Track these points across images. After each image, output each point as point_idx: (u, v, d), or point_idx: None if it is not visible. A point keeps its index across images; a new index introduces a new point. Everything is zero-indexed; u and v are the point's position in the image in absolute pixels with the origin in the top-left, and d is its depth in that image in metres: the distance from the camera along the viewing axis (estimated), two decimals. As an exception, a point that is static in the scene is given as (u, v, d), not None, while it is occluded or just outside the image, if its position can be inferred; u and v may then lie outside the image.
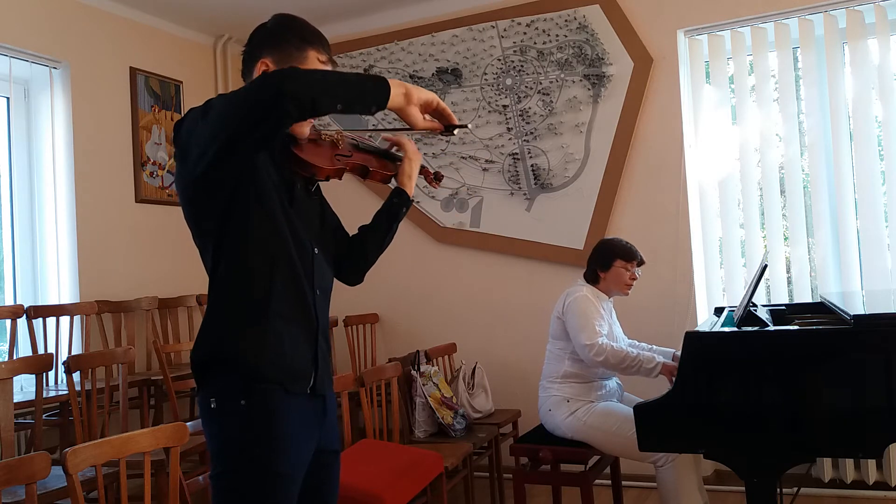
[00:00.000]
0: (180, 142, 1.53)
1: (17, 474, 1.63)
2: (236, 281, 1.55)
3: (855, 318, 2.07)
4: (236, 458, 1.52)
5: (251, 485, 1.51)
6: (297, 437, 1.56)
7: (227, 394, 1.53)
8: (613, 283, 3.10)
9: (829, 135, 3.73)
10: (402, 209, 1.79)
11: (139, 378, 3.67)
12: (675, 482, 2.75)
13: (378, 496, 2.50)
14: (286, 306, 1.57)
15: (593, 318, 2.94)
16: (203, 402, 1.56)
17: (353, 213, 1.94)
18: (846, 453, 2.24)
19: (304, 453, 1.59)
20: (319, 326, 1.64)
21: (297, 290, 1.59)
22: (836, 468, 3.58)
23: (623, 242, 3.14)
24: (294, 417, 1.56)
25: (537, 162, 4.24)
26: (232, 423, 1.52)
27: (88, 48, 4.08)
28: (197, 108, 1.52)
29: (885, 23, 3.59)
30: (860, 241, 3.65)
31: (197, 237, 1.60)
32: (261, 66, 1.60)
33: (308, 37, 1.63)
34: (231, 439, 1.53)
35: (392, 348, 4.55)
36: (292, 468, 1.55)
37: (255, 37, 1.66)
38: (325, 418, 1.66)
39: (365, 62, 4.68)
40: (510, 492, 3.11)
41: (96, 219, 4.03)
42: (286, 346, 1.56)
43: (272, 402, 1.53)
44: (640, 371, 2.86)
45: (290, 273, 1.58)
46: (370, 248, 1.79)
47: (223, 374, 1.53)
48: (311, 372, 1.61)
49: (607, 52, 4.06)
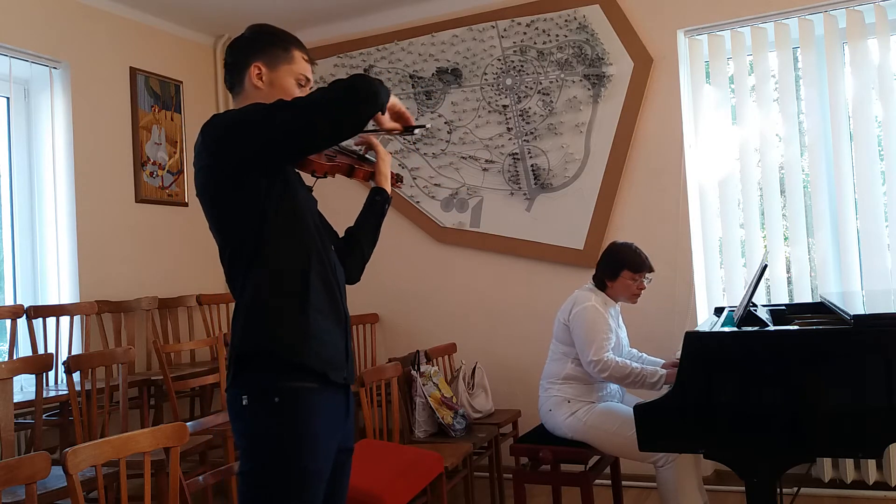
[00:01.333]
0: (217, 134, 1.57)
1: (17, 474, 1.63)
2: (275, 276, 1.59)
3: (855, 318, 2.07)
4: (266, 455, 1.55)
5: (280, 481, 1.54)
6: (325, 434, 1.60)
7: (259, 391, 1.55)
8: (620, 293, 3.08)
9: (829, 135, 3.73)
10: (384, 206, 1.90)
11: (139, 378, 3.67)
12: (675, 482, 2.75)
13: (378, 496, 2.50)
14: (321, 300, 1.62)
15: (601, 333, 2.91)
16: (234, 399, 1.58)
17: (342, 211, 1.97)
18: (846, 453, 2.24)
19: (331, 450, 1.63)
20: (347, 318, 1.72)
21: (328, 285, 1.65)
22: (836, 468, 3.58)
23: (632, 249, 3.08)
24: (324, 415, 1.59)
25: (537, 162, 4.24)
26: (263, 420, 1.55)
27: (88, 48, 4.08)
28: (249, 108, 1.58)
29: (885, 23, 3.59)
30: (860, 241, 3.65)
31: (222, 233, 1.63)
32: (254, 70, 1.69)
33: (289, 38, 1.75)
34: (261, 436, 1.55)
35: (392, 348, 4.55)
36: (321, 464, 1.59)
37: (236, 48, 1.74)
38: (347, 416, 1.71)
39: (365, 62, 4.68)
40: (510, 492, 3.11)
41: (96, 219, 4.03)
42: (326, 338, 1.61)
43: (303, 400, 1.56)
44: (644, 385, 2.86)
45: (321, 268, 1.64)
46: (365, 245, 1.88)
47: (260, 369, 1.56)
48: (344, 362, 1.67)
49: (607, 52, 4.06)
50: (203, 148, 1.60)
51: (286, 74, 1.70)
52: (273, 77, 1.69)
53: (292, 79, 1.71)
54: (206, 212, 1.65)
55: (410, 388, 3.51)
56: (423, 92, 4.51)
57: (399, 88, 4.57)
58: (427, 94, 4.50)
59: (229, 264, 1.63)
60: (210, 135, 1.58)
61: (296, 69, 1.71)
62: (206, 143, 1.59)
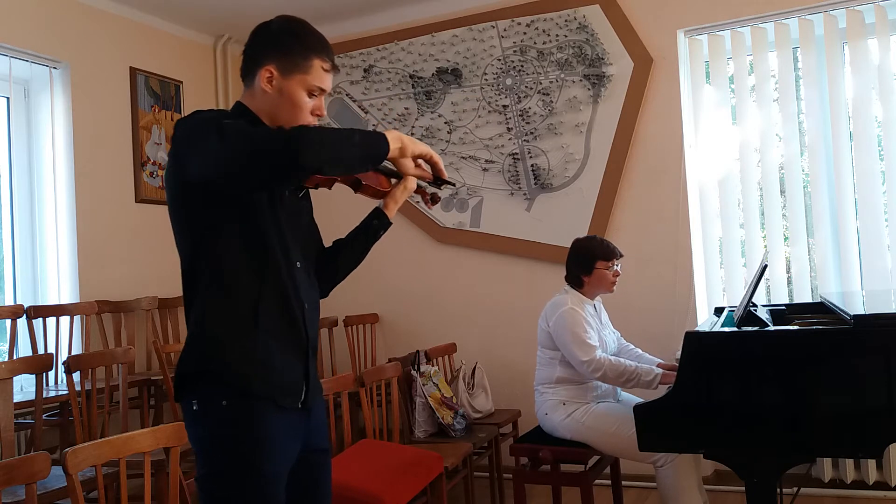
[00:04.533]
0: (177, 143, 1.51)
1: (17, 474, 1.63)
2: (223, 295, 1.53)
3: (855, 318, 2.07)
4: (221, 459, 1.52)
5: (237, 486, 1.50)
6: (281, 437, 1.55)
7: (210, 396, 1.51)
8: (598, 285, 3.08)
9: (829, 135, 3.73)
10: (380, 232, 1.75)
11: (139, 378, 3.67)
12: (675, 482, 2.75)
13: (378, 496, 2.50)
14: (275, 322, 1.56)
15: (583, 333, 2.91)
16: (185, 406, 1.54)
17: (345, 219, 1.94)
18: (846, 453, 2.24)
19: (288, 453, 1.58)
20: (309, 340, 1.63)
21: (285, 306, 1.58)
22: (836, 468, 3.58)
23: (598, 240, 3.11)
24: (278, 418, 1.55)
25: (537, 162, 4.24)
26: (215, 424, 1.51)
27: (88, 48, 4.08)
28: (203, 118, 1.49)
29: (885, 23, 3.59)
30: (860, 241, 3.65)
31: (178, 239, 1.58)
32: (265, 73, 1.58)
33: (313, 44, 1.61)
34: (215, 440, 1.52)
35: (392, 348, 4.55)
36: (278, 466, 1.55)
37: (258, 38, 1.63)
38: (308, 422, 1.65)
39: (365, 62, 4.68)
40: (510, 492, 3.11)
41: (96, 219, 4.03)
42: (276, 362, 1.55)
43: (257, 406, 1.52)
44: (639, 384, 2.84)
45: (278, 288, 1.57)
46: (342, 265, 1.76)
47: (207, 383, 1.51)
48: (301, 387, 1.61)
49: (607, 52, 4.06)
50: (170, 155, 1.55)
51: (298, 85, 1.58)
52: (283, 85, 1.58)
53: (303, 90, 1.59)
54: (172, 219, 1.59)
55: (410, 388, 3.51)
56: (423, 92, 4.51)
57: (399, 88, 4.57)
58: (427, 94, 4.50)
59: (183, 279, 1.58)
60: (174, 145, 1.53)
61: (309, 80, 1.59)
62: (171, 151, 1.54)
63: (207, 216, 1.53)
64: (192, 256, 1.55)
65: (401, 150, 1.58)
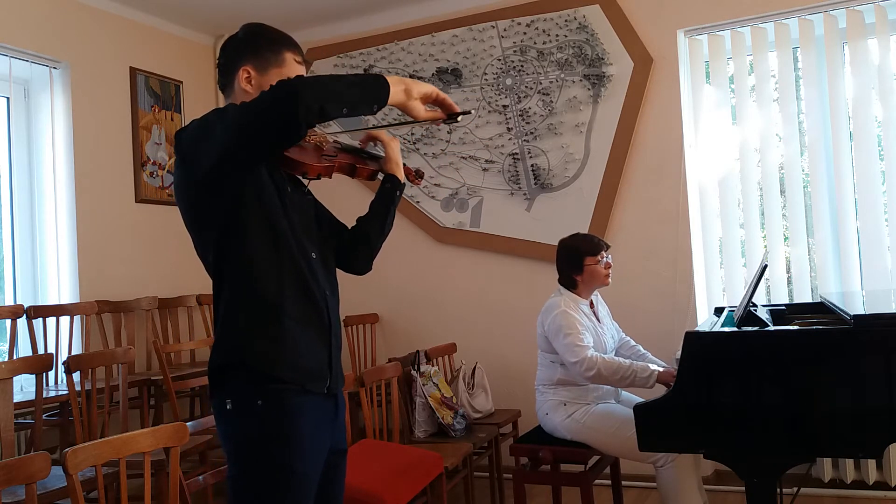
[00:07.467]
0: (182, 149, 1.56)
1: (17, 474, 1.63)
2: (246, 286, 1.57)
3: (855, 318, 2.07)
4: (253, 458, 1.54)
5: (268, 485, 1.52)
6: (313, 435, 1.58)
7: (243, 395, 1.54)
8: (592, 281, 3.07)
9: (829, 135, 3.73)
10: (395, 192, 1.85)
11: (139, 378, 3.67)
12: (675, 482, 2.75)
13: (378, 496, 2.50)
14: (298, 308, 1.60)
15: (575, 333, 2.89)
16: (218, 405, 1.57)
17: (351, 210, 1.96)
18: (846, 453, 2.24)
19: (320, 452, 1.61)
20: (332, 326, 1.68)
21: (307, 292, 1.62)
22: (836, 468, 3.58)
23: (581, 237, 3.12)
24: (309, 416, 1.58)
25: (537, 162, 4.24)
26: (248, 423, 1.54)
27: (88, 48, 4.08)
28: (202, 118, 1.55)
29: (885, 23, 3.59)
30: (860, 241, 3.65)
31: (199, 244, 1.63)
32: (243, 74, 1.66)
33: (281, 39, 1.71)
34: (247, 440, 1.54)
35: (392, 348, 4.55)
36: (309, 466, 1.57)
37: (228, 48, 1.71)
38: (336, 418, 1.69)
39: (365, 62, 4.68)
40: (510, 492, 3.11)
41: (96, 219, 4.03)
42: (302, 348, 1.59)
43: (288, 401, 1.55)
44: (635, 382, 2.81)
45: (298, 275, 1.61)
46: (373, 235, 1.84)
47: (239, 378, 1.55)
48: (326, 373, 1.64)
49: (607, 52, 4.06)
50: (177, 166, 1.59)
51: (276, 78, 1.62)
52: (262, 81, 1.65)
53: None
54: (189, 227, 1.63)
55: (410, 388, 3.51)
56: (423, 92, 4.50)
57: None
58: (427, 94, 4.49)
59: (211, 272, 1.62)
60: (179, 153, 1.57)
61: (286, 73, 1.66)
62: (177, 161, 1.59)
63: (221, 217, 1.56)
64: (213, 258, 1.60)
65: (406, 93, 1.60)
